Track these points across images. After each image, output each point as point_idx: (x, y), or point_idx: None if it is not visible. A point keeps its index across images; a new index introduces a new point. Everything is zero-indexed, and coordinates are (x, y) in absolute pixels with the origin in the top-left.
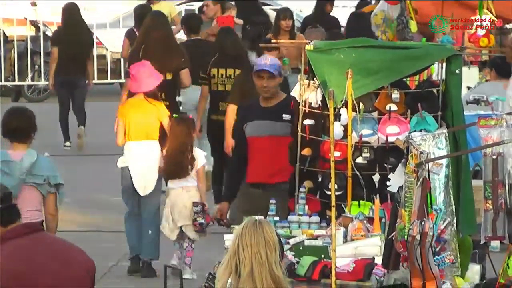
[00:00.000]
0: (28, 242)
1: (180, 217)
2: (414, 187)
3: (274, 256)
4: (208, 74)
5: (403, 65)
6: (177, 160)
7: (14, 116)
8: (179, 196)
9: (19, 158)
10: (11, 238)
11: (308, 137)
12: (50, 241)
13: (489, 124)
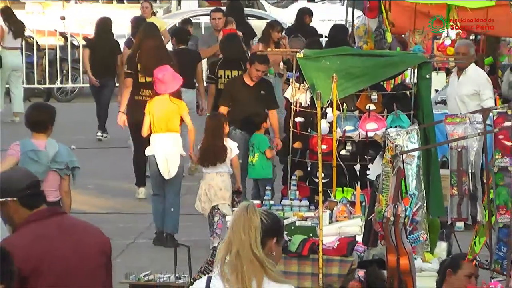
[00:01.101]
0: (49, 224)
1: (215, 197)
2: (390, 175)
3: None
4: (215, 75)
5: (381, 71)
6: (214, 150)
7: (35, 110)
8: (214, 180)
9: (42, 147)
10: (35, 220)
11: (298, 132)
12: (68, 223)
13: (454, 121)
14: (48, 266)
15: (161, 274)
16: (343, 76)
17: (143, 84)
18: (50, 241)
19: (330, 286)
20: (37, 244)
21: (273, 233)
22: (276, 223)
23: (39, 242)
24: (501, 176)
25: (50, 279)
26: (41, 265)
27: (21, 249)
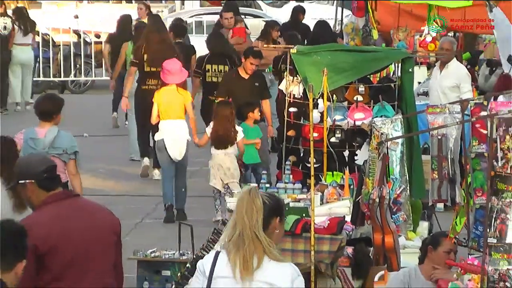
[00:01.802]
0: (64, 206)
1: (226, 177)
2: (376, 160)
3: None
4: (202, 69)
5: (367, 65)
6: (225, 133)
7: (43, 100)
8: (223, 160)
9: (43, 135)
10: (51, 202)
11: (292, 122)
12: (82, 205)
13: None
14: (65, 245)
15: (166, 251)
16: (333, 70)
17: (149, 73)
18: (66, 221)
19: (321, 262)
20: (54, 224)
21: (276, 213)
22: (278, 203)
23: (56, 222)
24: (477, 161)
25: (66, 257)
26: (58, 243)
27: (40, 228)
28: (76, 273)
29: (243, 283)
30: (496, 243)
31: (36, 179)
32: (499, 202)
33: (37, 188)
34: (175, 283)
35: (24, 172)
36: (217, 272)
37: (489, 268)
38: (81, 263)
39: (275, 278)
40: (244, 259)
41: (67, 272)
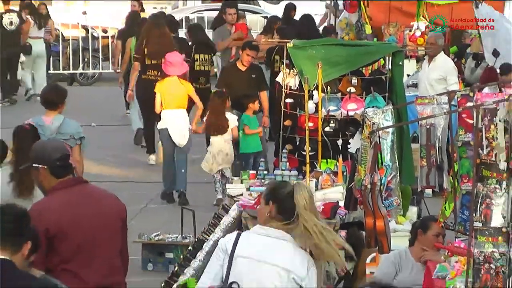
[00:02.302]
0: (73, 192)
1: (223, 162)
2: (368, 149)
3: None
4: (191, 58)
5: (360, 58)
6: (218, 121)
7: (48, 91)
8: (221, 147)
9: (49, 122)
10: (61, 188)
11: (288, 112)
12: (90, 191)
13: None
14: (73, 230)
15: (170, 234)
16: (327, 63)
17: (149, 65)
18: (75, 208)
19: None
20: (64, 210)
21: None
22: None
23: (66, 208)
24: (464, 149)
25: (75, 241)
26: (67, 228)
27: (51, 213)
28: (84, 257)
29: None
30: (482, 227)
31: (49, 165)
32: (484, 188)
33: (48, 174)
34: (178, 264)
35: (39, 157)
36: (238, 252)
37: (475, 251)
38: (89, 248)
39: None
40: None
41: (75, 255)
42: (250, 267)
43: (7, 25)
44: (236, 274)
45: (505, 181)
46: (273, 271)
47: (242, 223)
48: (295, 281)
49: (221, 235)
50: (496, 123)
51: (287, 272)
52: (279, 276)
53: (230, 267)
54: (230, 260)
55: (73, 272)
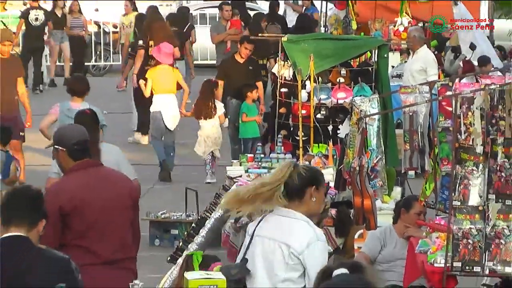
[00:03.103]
0: (88, 173)
1: (213, 144)
2: (356, 134)
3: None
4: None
5: (348, 51)
6: (206, 107)
7: (75, 80)
8: (210, 130)
9: (77, 107)
10: (78, 169)
11: (283, 100)
12: (105, 173)
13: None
14: (87, 207)
15: (175, 212)
16: (318, 56)
17: (150, 56)
18: (88, 187)
19: None
20: (78, 189)
21: (312, 182)
22: (314, 173)
23: (80, 187)
24: (443, 134)
25: (88, 218)
26: (81, 206)
27: (65, 193)
28: (96, 233)
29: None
30: (460, 206)
31: (67, 148)
32: (462, 170)
33: (67, 156)
34: (182, 240)
35: (59, 140)
36: (256, 232)
37: (454, 227)
38: (101, 225)
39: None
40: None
41: (88, 232)
42: (261, 245)
43: (33, 20)
44: (250, 252)
45: (481, 164)
46: (276, 246)
47: None
48: (293, 254)
49: (221, 213)
50: (473, 111)
51: (287, 246)
52: (280, 250)
53: (248, 246)
54: (250, 240)
55: (85, 247)
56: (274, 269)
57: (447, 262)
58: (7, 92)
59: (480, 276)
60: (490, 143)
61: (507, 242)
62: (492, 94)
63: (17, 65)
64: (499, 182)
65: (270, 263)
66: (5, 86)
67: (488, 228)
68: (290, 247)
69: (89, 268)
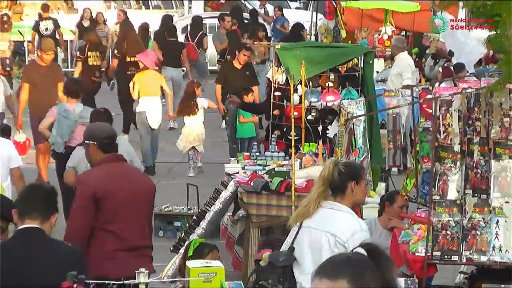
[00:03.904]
0: (115, 166)
1: (195, 140)
2: (344, 134)
3: None
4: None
5: (337, 58)
6: (189, 105)
7: (71, 83)
8: (194, 127)
9: (73, 108)
10: (106, 162)
11: (277, 103)
12: (128, 168)
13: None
14: (114, 196)
15: (177, 206)
16: (309, 62)
17: (129, 62)
18: (117, 178)
19: None
20: (109, 177)
21: (352, 177)
22: (354, 169)
23: (109, 177)
24: (424, 134)
25: (115, 205)
26: (112, 192)
27: (97, 179)
28: (122, 221)
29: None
30: (439, 200)
31: (98, 142)
32: (441, 167)
33: (97, 149)
34: (184, 231)
35: (90, 135)
36: (304, 223)
37: (434, 220)
38: (125, 214)
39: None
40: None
41: (115, 218)
42: (308, 235)
43: (43, 31)
44: (297, 241)
45: (459, 161)
46: (322, 235)
47: (238, 197)
48: (339, 243)
49: (220, 207)
50: (451, 112)
51: (333, 236)
52: (327, 239)
53: (296, 236)
54: (297, 230)
55: (114, 233)
56: (321, 257)
57: (428, 251)
58: (49, 96)
59: (457, 264)
60: (467, 142)
61: (482, 233)
62: (469, 97)
63: (57, 71)
64: (475, 178)
65: (316, 251)
66: (47, 91)
67: (465, 220)
68: (336, 236)
69: (117, 253)
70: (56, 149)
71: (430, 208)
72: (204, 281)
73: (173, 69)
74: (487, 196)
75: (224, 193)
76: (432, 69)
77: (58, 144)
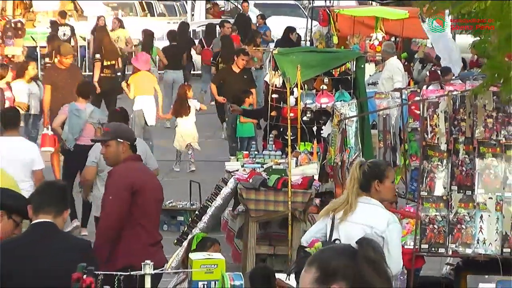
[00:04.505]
0: (139, 164)
1: (189, 138)
2: (337, 134)
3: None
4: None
5: (330, 62)
6: (182, 106)
7: (81, 85)
8: (186, 126)
9: (84, 108)
10: (133, 159)
11: (274, 105)
12: (144, 167)
13: (381, 97)
14: (144, 190)
15: (180, 202)
16: (305, 66)
17: (106, 66)
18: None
19: (296, 209)
20: (140, 173)
21: (374, 176)
22: (375, 169)
23: (141, 172)
24: (412, 134)
25: (145, 199)
26: (142, 187)
27: (133, 172)
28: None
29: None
30: (427, 196)
31: (130, 142)
32: (429, 165)
33: (128, 148)
34: (187, 226)
35: (124, 135)
36: (338, 217)
37: (422, 214)
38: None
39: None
40: None
41: (147, 211)
42: (343, 228)
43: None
44: (334, 235)
45: (445, 160)
46: (359, 228)
47: (237, 193)
48: (377, 234)
49: (221, 202)
50: (438, 114)
51: (370, 228)
52: (363, 231)
53: (332, 230)
54: (332, 224)
55: (145, 227)
56: None
57: (416, 244)
58: (70, 96)
59: (444, 256)
60: (453, 142)
61: (467, 227)
62: (455, 99)
63: (77, 72)
64: (461, 175)
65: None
66: (68, 91)
67: (451, 215)
68: (373, 228)
69: (147, 247)
70: (68, 145)
71: (418, 203)
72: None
73: (174, 71)
74: (472, 192)
75: (224, 190)
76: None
77: (69, 140)
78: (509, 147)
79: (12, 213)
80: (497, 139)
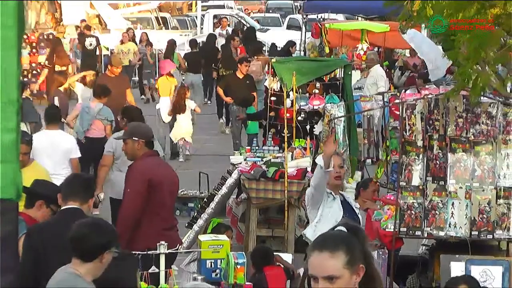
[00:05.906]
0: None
1: (184, 133)
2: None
3: None
4: None
5: (321, 69)
6: (180, 105)
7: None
8: (182, 122)
9: (94, 106)
10: (150, 155)
11: (273, 106)
12: (162, 162)
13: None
14: (161, 183)
15: (191, 190)
16: (299, 73)
17: (57, 72)
18: (162, 169)
19: (291, 197)
20: (158, 168)
21: None
22: None
23: (158, 168)
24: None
25: (162, 191)
26: (159, 181)
27: (151, 167)
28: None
29: None
30: (405, 185)
31: (146, 139)
32: (407, 159)
33: (143, 146)
34: (197, 211)
35: (140, 133)
36: None
37: (401, 201)
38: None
39: None
40: None
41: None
42: None
43: (88, 46)
44: None
45: (421, 154)
46: None
47: (241, 183)
48: None
49: (226, 191)
50: (415, 114)
51: None
52: None
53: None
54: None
55: (160, 214)
56: None
57: (396, 227)
58: (120, 101)
59: (420, 238)
60: (428, 139)
61: (440, 213)
62: (430, 101)
63: (125, 80)
64: (435, 168)
65: None
66: (117, 96)
67: (426, 202)
68: None
69: (164, 231)
70: (79, 137)
71: (398, 192)
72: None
73: (193, 75)
74: (445, 182)
75: (229, 180)
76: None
77: (80, 132)
78: (477, 144)
79: (50, 203)
80: (467, 136)
